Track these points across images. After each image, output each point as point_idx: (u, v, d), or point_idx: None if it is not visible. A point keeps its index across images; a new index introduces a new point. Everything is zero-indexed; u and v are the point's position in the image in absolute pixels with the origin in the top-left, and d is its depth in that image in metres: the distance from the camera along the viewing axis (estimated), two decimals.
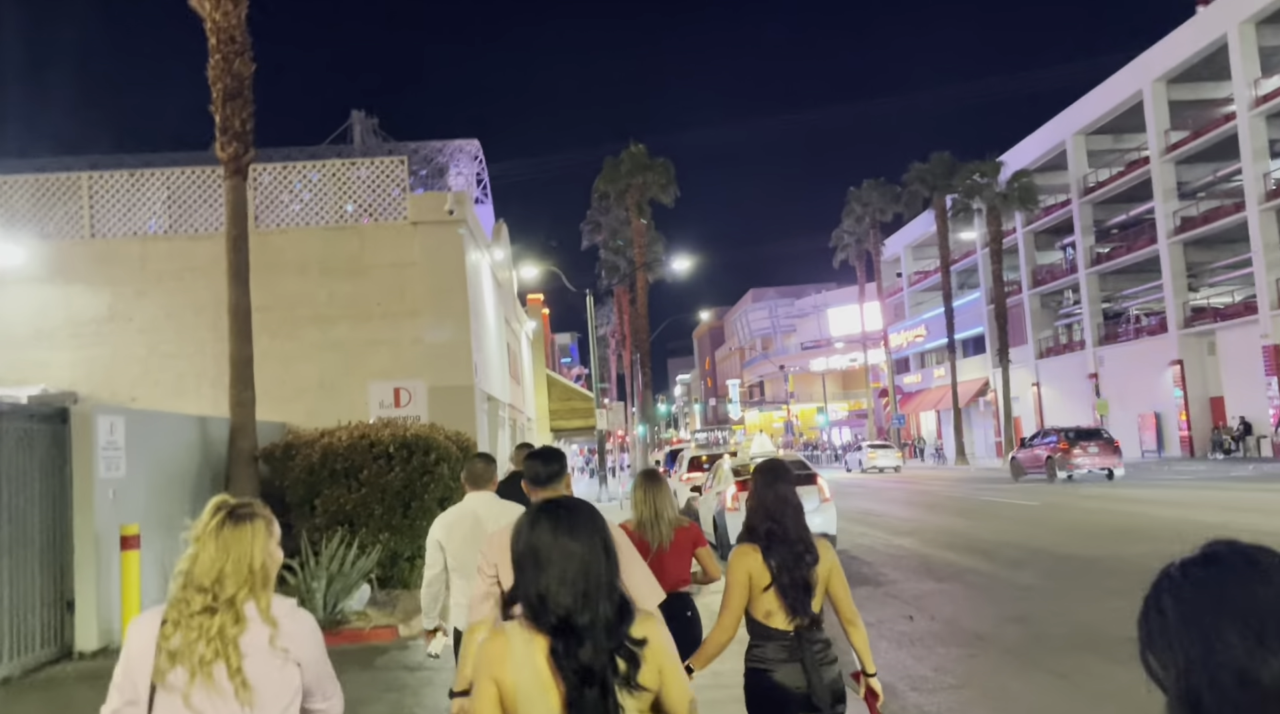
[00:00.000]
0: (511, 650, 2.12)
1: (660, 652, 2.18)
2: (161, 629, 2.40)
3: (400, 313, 15.20)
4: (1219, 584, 1.16)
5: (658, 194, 43.42)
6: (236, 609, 2.40)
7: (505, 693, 2.11)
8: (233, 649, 2.37)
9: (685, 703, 2.22)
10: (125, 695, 2.42)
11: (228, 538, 2.44)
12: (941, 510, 20.42)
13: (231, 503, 2.51)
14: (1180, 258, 37.02)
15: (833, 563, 3.74)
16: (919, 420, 63.68)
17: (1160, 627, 1.18)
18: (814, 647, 3.60)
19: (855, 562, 13.13)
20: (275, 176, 15.24)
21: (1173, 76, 36.62)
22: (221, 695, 2.36)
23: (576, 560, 2.13)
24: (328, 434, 11.75)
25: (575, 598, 2.10)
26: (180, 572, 2.45)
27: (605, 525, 2.25)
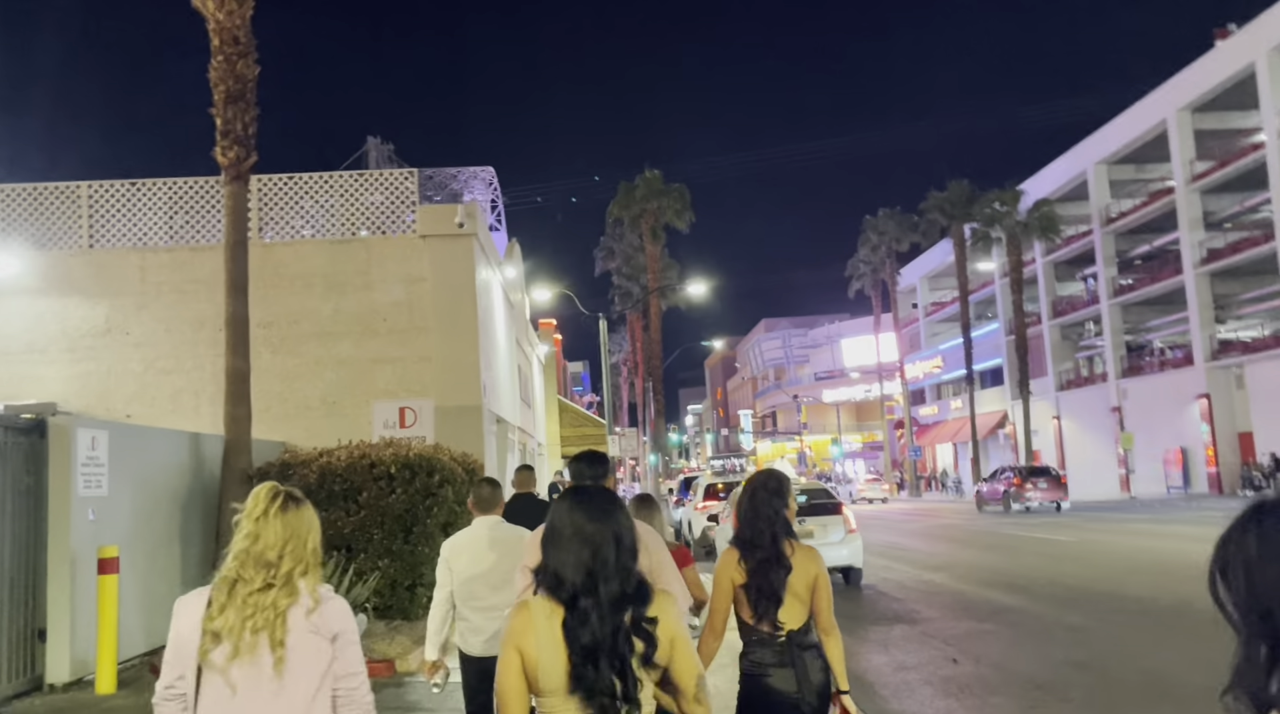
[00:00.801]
0: (534, 622, 2.26)
1: (671, 629, 2.32)
2: (208, 610, 2.49)
3: (407, 329, 14.58)
4: None
5: (673, 219, 42.96)
6: (292, 584, 2.52)
7: (528, 661, 2.25)
8: (280, 622, 2.47)
9: (693, 678, 2.36)
10: (176, 671, 2.55)
11: (290, 519, 2.57)
12: (970, 544, 19.57)
13: (285, 489, 2.64)
14: (1207, 289, 36.21)
15: (816, 574, 3.70)
16: (935, 452, 62.64)
17: (1240, 558, 1.26)
18: (805, 651, 3.66)
19: (885, 598, 12.34)
20: (281, 188, 14.72)
21: (1198, 105, 36.03)
22: (259, 670, 2.47)
23: (587, 541, 2.28)
24: (326, 454, 11.09)
25: (582, 576, 2.25)
26: (240, 550, 2.54)
27: (621, 514, 2.37)
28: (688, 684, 2.37)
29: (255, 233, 14.54)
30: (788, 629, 3.64)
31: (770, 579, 3.65)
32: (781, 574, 3.66)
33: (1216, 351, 35.93)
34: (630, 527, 2.42)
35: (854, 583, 13.58)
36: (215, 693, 2.50)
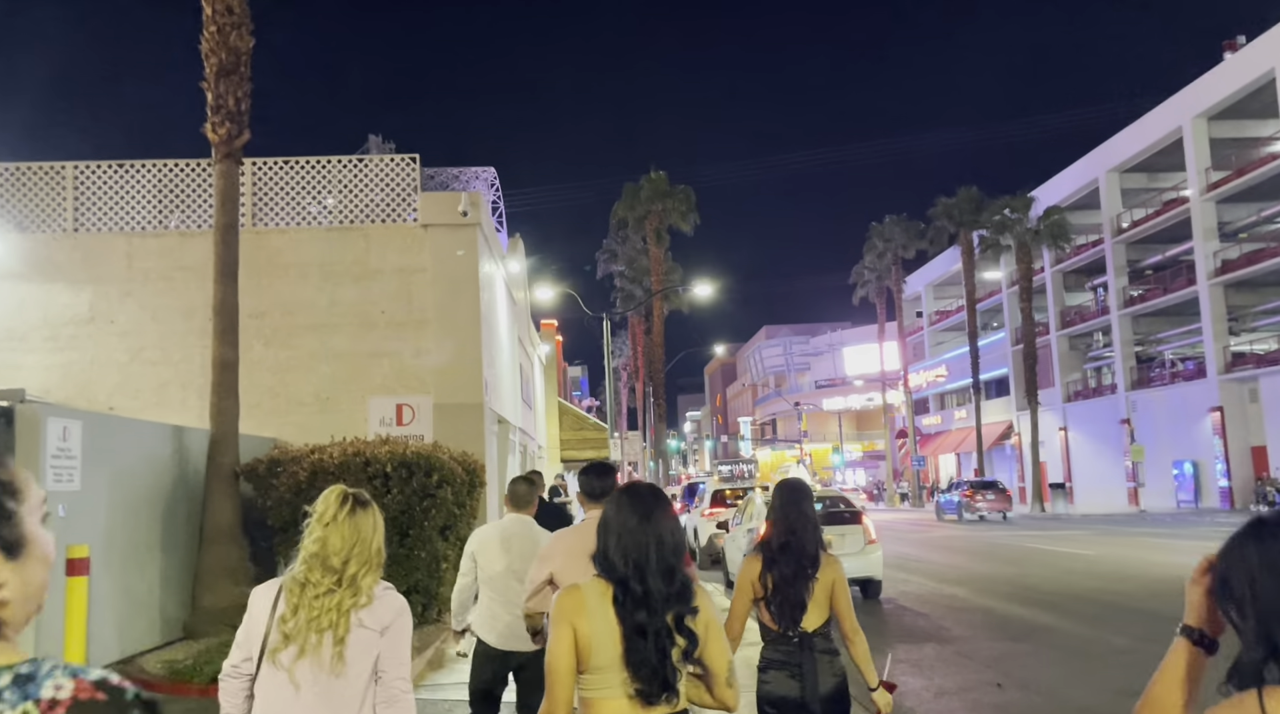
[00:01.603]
0: (587, 601, 2.47)
1: (706, 616, 2.53)
2: (281, 613, 2.65)
3: (406, 322, 13.91)
4: None
5: (677, 221, 42.32)
6: (356, 585, 2.66)
7: (580, 638, 2.44)
8: (343, 620, 2.62)
9: (725, 663, 2.56)
10: (244, 652, 2.73)
11: (358, 522, 2.72)
12: (983, 556, 18.88)
13: (352, 492, 2.79)
14: (1221, 300, 35.57)
15: (834, 579, 3.78)
16: (938, 463, 61.95)
17: (1242, 570, 1.41)
18: (818, 655, 3.66)
19: (908, 613, 11.66)
20: (277, 173, 14.05)
21: (1214, 113, 35.43)
22: (320, 667, 2.62)
23: (631, 534, 2.52)
24: (318, 450, 10.41)
25: (628, 565, 2.49)
26: (310, 554, 2.70)
27: (666, 515, 2.57)
28: (719, 668, 2.54)
29: (248, 219, 13.88)
30: (802, 631, 3.67)
31: (799, 589, 3.68)
32: (811, 584, 3.70)
33: (1230, 364, 35.28)
34: (675, 527, 2.59)
35: (872, 595, 12.90)
36: (278, 688, 2.66)
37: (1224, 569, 1.46)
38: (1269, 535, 1.42)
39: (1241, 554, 1.43)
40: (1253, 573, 1.40)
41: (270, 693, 2.67)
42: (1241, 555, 1.43)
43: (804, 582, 3.71)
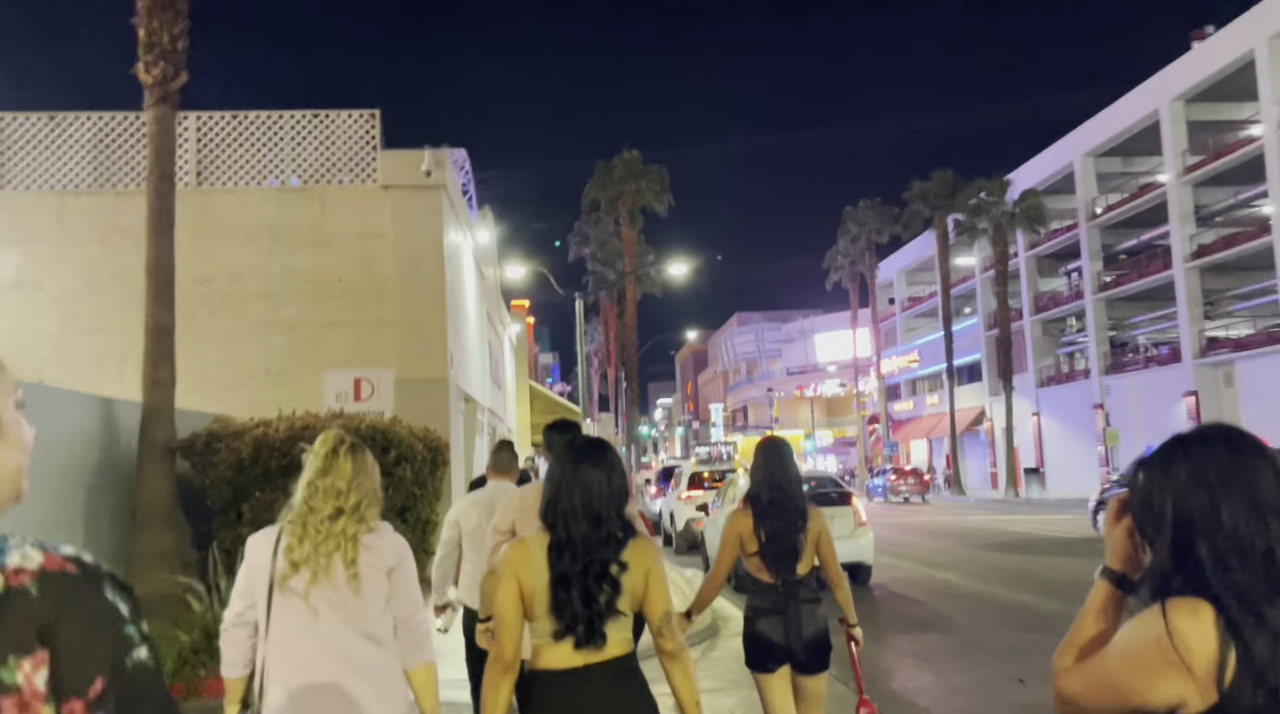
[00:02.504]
0: (530, 554, 2.59)
1: (648, 563, 2.63)
2: (286, 544, 2.75)
3: (365, 290, 12.95)
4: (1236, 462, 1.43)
5: (651, 202, 41.46)
6: (360, 512, 2.78)
7: (524, 588, 2.56)
8: (351, 544, 2.74)
9: (660, 613, 2.64)
10: (246, 600, 2.82)
11: (358, 459, 2.84)
12: (969, 540, 18.29)
13: (348, 436, 2.90)
14: (1197, 284, 35.31)
15: (821, 526, 4.02)
16: (909, 449, 61.74)
17: (1168, 484, 1.46)
18: (801, 602, 3.86)
19: (903, 600, 10.95)
20: (224, 128, 13.01)
21: (1191, 95, 35.08)
22: (337, 589, 2.72)
23: (561, 484, 2.62)
24: (263, 425, 9.48)
25: (560, 514, 2.59)
26: (309, 483, 2.80)
27: (599, 465, 2.66)
28: (654, 617, 2.65)
29: (192, 177, 12.85)
30: (787, 579, 3.85)
31: (792, 540, 3.86)
32: (803, 535, 3.88)
33: (1205, 348, 35.07)
34: (608, 477, 2.65)
35: (862, 581, 12.19)
36: (294, 618, 2.71)
37: (1146, 487, 1.48)
38: (1196, 449, 1.47)
39: (1165, 470, 1.47)
40: (1176, 486, 1.43)
41: (287, 622, 2.70)
42: (1165, 471, 1.46)
43: (796, 534, 3.90)
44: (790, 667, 3.89)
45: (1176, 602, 1.36)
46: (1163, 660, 1.34)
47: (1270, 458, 1.45)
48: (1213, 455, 1.45)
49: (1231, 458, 1.44)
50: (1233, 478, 1.42)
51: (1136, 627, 1.40)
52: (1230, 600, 1.35)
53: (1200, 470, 1.43)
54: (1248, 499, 1.40)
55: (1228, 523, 1.39)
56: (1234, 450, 1.46)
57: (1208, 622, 1.34)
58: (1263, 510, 1.39)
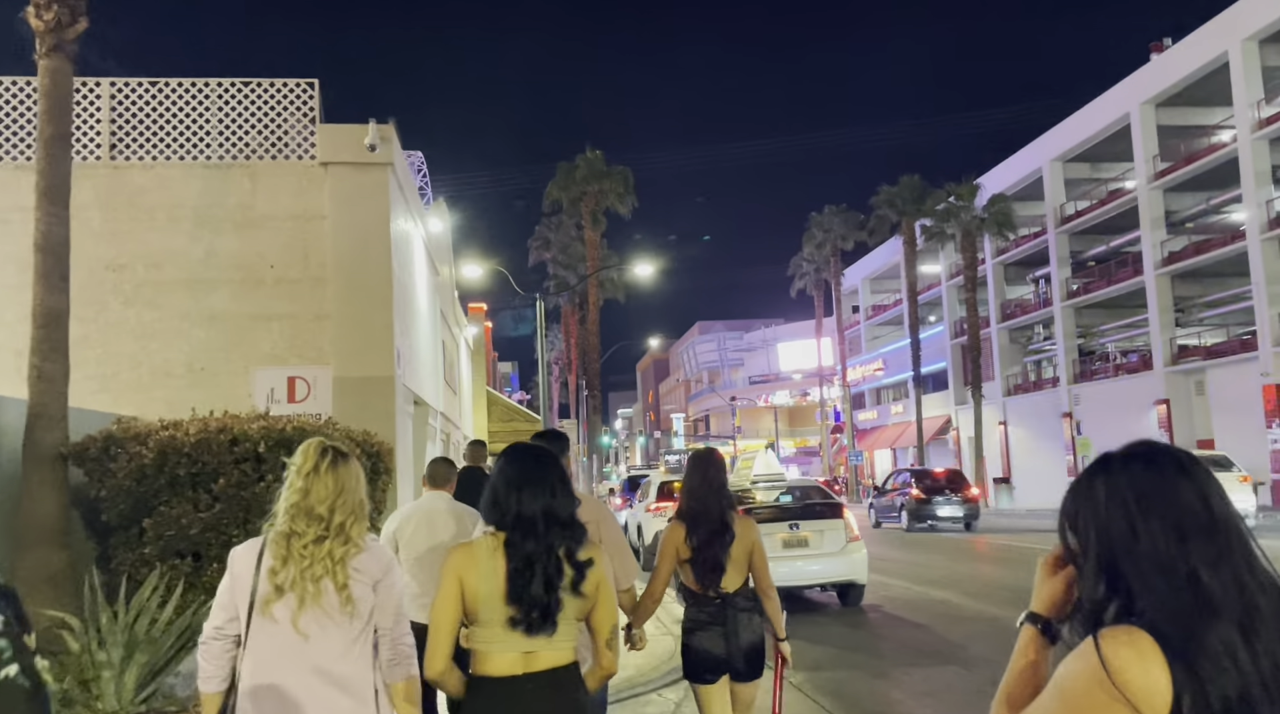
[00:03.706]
0: (476, 556, 2.62)
1: (600, 575, 2.66)
2: (269, 566, 2.67)
3: (301, 279, 11.59)
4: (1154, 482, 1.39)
5: (614, 203, 40.34)
6: (346, 533, 2.70)
7: (468, 591, 2.58)
8: (340, 568, 2.66)
9: (609, 625, 2.71)
10: (228, 613, 2.75)
11: (340, 474, 2.74)
12: (953, 553, 17.28)
13: (330, 445, 2.86)
14: (1168, 291, 34.89)
15: (754, 541, 4.13)
16: (874, 458, 61.14)
17: (1089, 506, 1.43)
18: (740, 613, 4.00)
19: (903, 625, 9.80)
20: (143, 97, 11.59)
21: (1162, 99, 34.73)
22: (328, 613, 2.66)
23: (525, 482, 2.66)
24: (171, 426, 8.08)
25: (521, 508, 2.62)
26: (291, 505, 2.72)
27: (552, 467, 2.75)
28: (603, 629, 2.70)
29: (105, 151, 11.42)
30: (724, 591, 4.00)
31: (716, 552, 4.01)
32: (726, 546, 4.02)
33: (1176, 356, 34.63)
34: (563, 474, 2.79)
35: (854, 602, 11.05)
36: (279, 640, 2.66)
37: (1071, 506, 1.46)
38: (1115, 469, 1.44)
39: (1089, 489, 1.44)
40: (1096, 508, 1.41)
41: (269, 646, 2.66)
42: (1089, 490, 1.44)
43: (720, 546, 3.98)
44: (729, 677, 4.00)
45: (1109, 632, 1.32)
46: (1106, 697, 1.28)
47: (1194, 476, 1.40)
48: (1130, 475, 1.43)
49: (1150, 477, 1.41)
50: (1151, 498, 1.39)
51: (1072, 664, 1.33)
52: (1163, 624, 1.30)
53: (1117, 491, 1.41)
54: (1167, 520, 1.37)
55: (1146, 545, 1.37)
56: (1153, 469, 1.43)
57: (1146, 650, 1.29)
58: (1183, 532, 1.36)
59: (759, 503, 11.14)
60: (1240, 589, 1.33)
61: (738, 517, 4.08)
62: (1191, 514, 1.36)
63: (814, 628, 9.77)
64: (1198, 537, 1.35)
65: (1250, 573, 1.35)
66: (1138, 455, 1.45)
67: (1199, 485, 1.39)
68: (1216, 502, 1.39)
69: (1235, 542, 1.37)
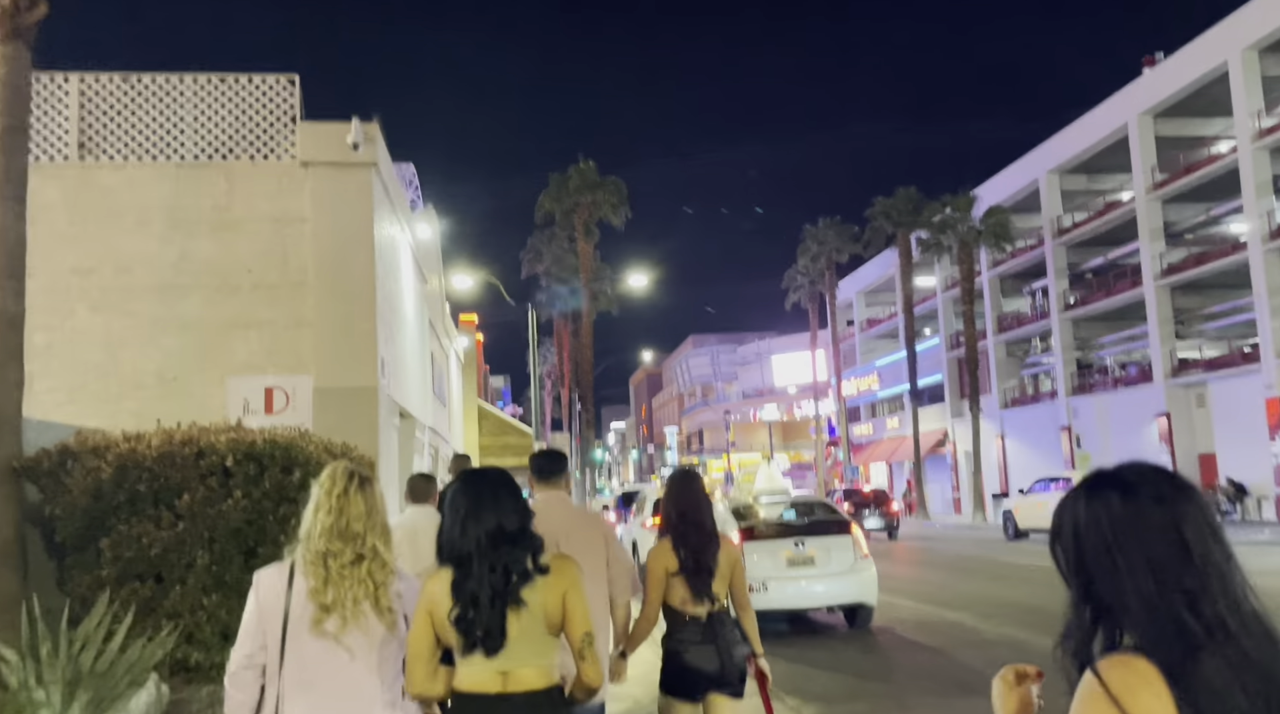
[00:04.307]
0: (439, 587, 2.64)
1: (568, 585, 2.67)
2: (311, 587, 2.71)
3: (280, 284, 11.01)
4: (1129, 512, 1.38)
5: (608, 214, 39.83)
6: (381, 556, 2.79)
7: (437, 622, 2.62)
8: (381, 592, 2.75)
9: (580, 633, 2.68)
10: (257, 641, 2.77)
11: (367, 497, 2.82)
12: (960, 571, 16.70)
13: (354, 468, 2.91)
14: (1168, 303, 34.49)
15: (736, 557, 4.25)
16: (869, 473, 60.57)
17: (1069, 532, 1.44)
18: (725, 629, 4.05)
19: (920, 650, 9.21)
20: (114, 93, 11.04)
21: (1160, 110, 34.42)
22: (368, 634, 2.74)
23: (473, 511, 2.69)
24: (133, 439, 7.48)
25: (468, 538, 2.66)
26: (325, 527, 2.75)
27: (505, 486, 2.78)
28: (574, 638, 2.67)
29: (74, 149, 10.85)
30: (709, 611, 4.03)
31: (709, 557, 4.08)
32: (715, 551, 4.12)
33: (1177, 368, 34.20)
34: (512, 488, 2.80)
35: (862, 624, 10.47)
36: (320, 660, 2.71)
37: (1055, 529, 1.47)
38: (1095, 495, 1.43)
39: (1072, 514, 1.44)
40: (1077, 535, 1.41)
41: (310, 664, 2.71)
42: (1072, 514, 1.44)
43: (712, 551, 4.12)
44: (723, 693, 4.03)
45: (1107, 661, 1.31)
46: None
47: (1172, 507, 1.37)
48: (1107, 503, 1.40)
49: (1126, 507, 1.39)
50: (1126, 529, 1.37)
51: (1082, 703, 1.31)
52: (1152, 654, 1.29)
53: (1095, 519, 1.40)
54: (1141, 553, 1.35)
55: (1125, 576, 1.35)
56: (1129, 499, 1.40)
57: (1150, 676, 1.27)
58: (1158, 565, 1.33)
59: (761, 520, 10.57)
60: (1222, 625, 1.30)
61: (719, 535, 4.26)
62: (1165, 547, 1.34)
63: (822, 652, 9.19)
64: (1173, 570, 1.33)
65: (1232, 609, 1.32)
66: (1116, 483, 1.43)
67: (1174, 517, 1.36)
68: (1193, 534, 1.35)
69: (1213, 576, 1.33)
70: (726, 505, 11.10)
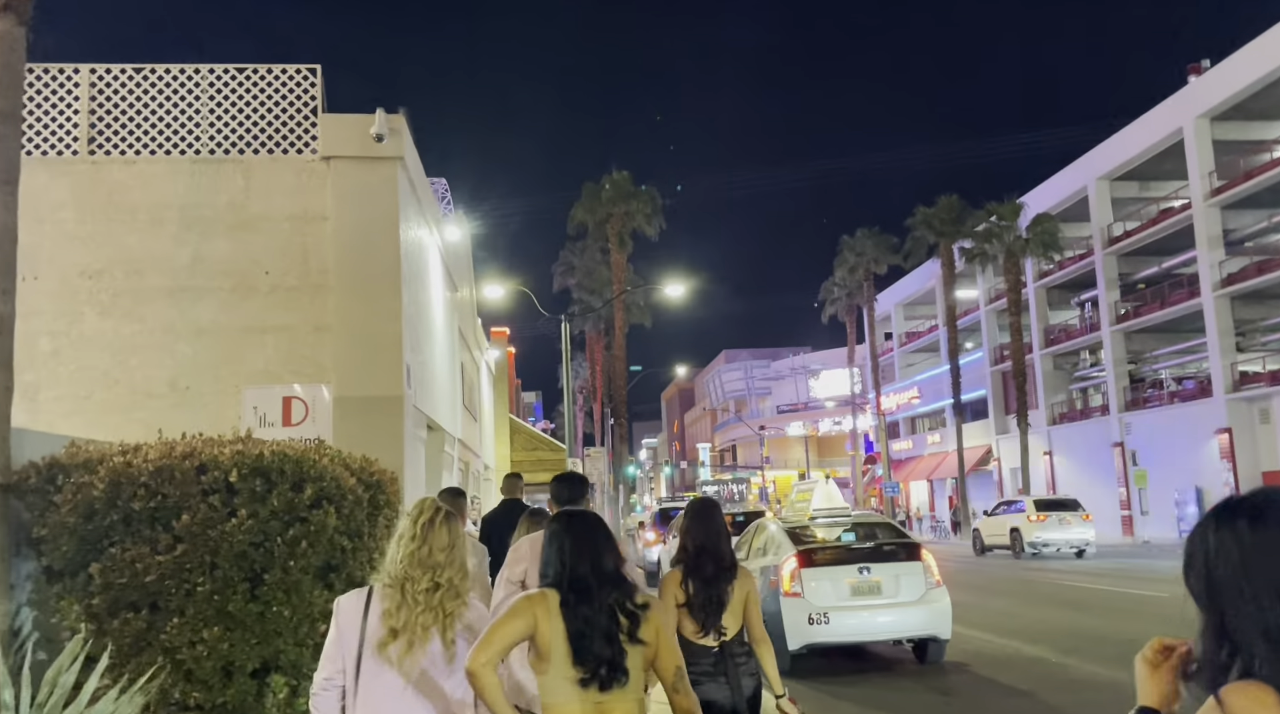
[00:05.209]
0: (551, 605, 2.69)
1: (658, 620, 2.78)
2: (385, 609, 2.83)
3: (299, 287, 10.28)
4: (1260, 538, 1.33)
5: (641, 224, 39.10)
6: (456, 587, 2.89)
7: (540, 634, 2.66)
8: (449, 621, 2.85)
9: (673, 667, 2.80)
10: (336, 665, 2.87)
11: (452, 530, 2.97)
12: (1027, 597, 15.58)
13: (440, 503, 3.06)
14: (1228, 313, 33.02)
15: (750, 588, 4.21)
16: (909, 490, 59.08)
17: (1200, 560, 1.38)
18: (737, 661, 4.06)
19: (998, 690, 8.19)
20: (125, 85, 10.40)
21: (1218, 113, 33.07)
22: (432, 660, 2.84)
23: (583, 544, 2.81)
24: (128, 451, 6.72)
25: (575, 568, 2.75)
26: (408, 554, 2.88)
27: (604, 529, 2.92)
28: (666, 673, 2.78)
29: (84, 144, 10.22)
30: (722, 641, 4.04)
31: (720, 589, 4.08)
32: (730, 585, 4.10)
33: (1238, 382, 32.69)
34: (608, 533, 2.93)
35: (933, 659, 9.46)
36: (386, 684, 2.80)
37: (1186, 558, 1.42)
38: (1224, 522, 1.38)
39: (1202, 541, 1.39)
40: (1208, 560, 1.37)
41: (378, 687, 2.80)
42: (1202, 542, 1.39)
43: (724, 583, 4.10)
44: None
45: (1232, 686, 1.26)
46: None
47: None
48: (1235, 531, 1.36)
49: (1256, 534, 1.34)
50: (1255, 556, 1.31)
51: None
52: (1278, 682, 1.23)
53: (1225, 546, 1.35)
54: (1270, 583, 1.29)
55: (1251, 605, 1.29)
56: (1258, 525, 1.35)
57: (1270, 703, 1.22)
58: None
59: (820, 542, 9.63)
60: None
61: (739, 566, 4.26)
62: None
63: (895, 695, 8.24)
64: None
65: None
66: (1245, 508, 1.38)
67: None
68: None
69: None
70: (779, 527, 10.16)
